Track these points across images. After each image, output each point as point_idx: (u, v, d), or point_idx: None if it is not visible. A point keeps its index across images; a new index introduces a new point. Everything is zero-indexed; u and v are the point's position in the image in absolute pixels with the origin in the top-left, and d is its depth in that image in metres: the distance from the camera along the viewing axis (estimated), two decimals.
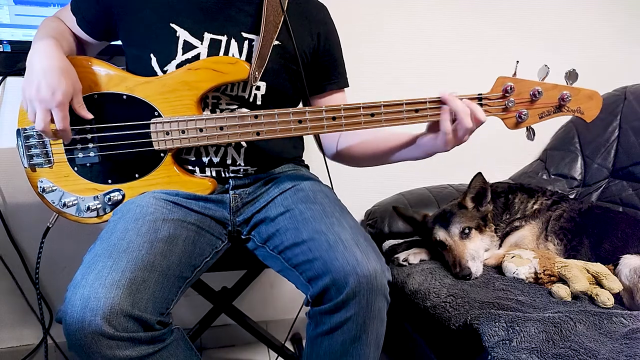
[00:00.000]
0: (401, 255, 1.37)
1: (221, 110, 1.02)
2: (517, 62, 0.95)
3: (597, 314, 1.00)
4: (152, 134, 0.98)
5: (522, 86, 0.96)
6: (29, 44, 0.97)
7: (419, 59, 1.70)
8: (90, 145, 1.00)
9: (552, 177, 1.75)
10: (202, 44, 1.00)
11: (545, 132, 1.85)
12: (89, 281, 0.78)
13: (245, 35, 1.02)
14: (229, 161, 1.05)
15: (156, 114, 0.99)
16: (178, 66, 0.99)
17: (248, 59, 1.00)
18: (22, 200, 1.43)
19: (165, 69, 1.00)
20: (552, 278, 1.16)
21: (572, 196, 1.69)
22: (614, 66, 1.85)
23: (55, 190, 1.03)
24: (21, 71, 1.35)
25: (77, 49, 1.10)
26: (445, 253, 1.31)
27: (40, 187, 1.03)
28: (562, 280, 1.14)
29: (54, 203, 1.04)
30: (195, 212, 1.01)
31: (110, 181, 1.02)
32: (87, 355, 0.76)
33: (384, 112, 0.96)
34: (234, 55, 1.01)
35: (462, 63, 1.73)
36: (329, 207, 0.98)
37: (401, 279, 1.31)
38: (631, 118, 1.65)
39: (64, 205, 1.03)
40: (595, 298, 1.08)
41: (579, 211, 1.33)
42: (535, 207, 1.38)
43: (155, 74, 1.00)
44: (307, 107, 0.97)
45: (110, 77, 1.00)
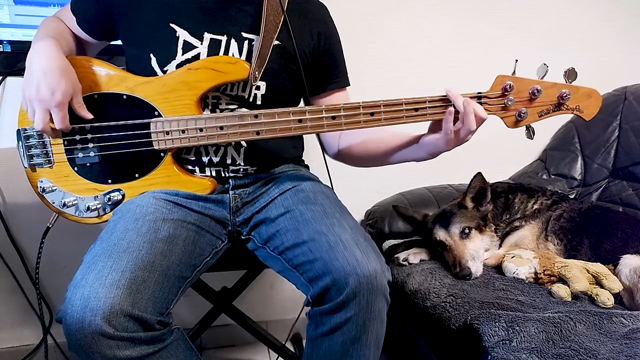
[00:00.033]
0: (401, 255, 1.37)
1: (221, 110, 1.02)
2: (516, 60, 0.95)
3: (597, 314, 1.00)
4: (152, 133, 0.98)
5: (521, 85, 0.96)
6: (29, 44, 0.97)
7: (419, 58, 1.70)
8: (90, 145, 1.01)
9: (552, 177, 1.75)
10: (202, 44, 1.00)
11: (545, 132, 1.85)
12: (89, 281, 0.78)
13: (245, 35, 1.02)
14: (229, 161, 1.05)
15: (156, 113, 0.99)
16: (178, 66, 0.99)
17: (248, 59, 1.00)
18: (22, 200, 1.43)
19: (165, 69, 1.00)
20: (552, 278, 1.16)
21: (572, 196, 1.69)
22: (614, 66, 1.84)
23: (55, 190, 1.03)
24: (21, 71, 1.35)
25: (77, 48, 1.10)
26: (445, 253, 1.31)
27: (40, 187, 1.03)
28: (562, 280, 1.14)
29: (54, 203, 1.04)
30: (195, 212, 1.01)
31: (110, 181, 1.02)
32: (87, 355, 0.76)
33: (384, 111, 0.96)
34: (234, 55, 1.01)
35: (462, 63, 1.73)
36: (330, 208, 0.98)
37: (401, 278, 1.31)
38: (631, 118, 1.65)
39: (64, 205, 1.03)
40: (595, 298, 1.08)
41: (579, 211, 1.33)
42: (535, 207, 1.38)
43: (155, 74, 1.00)
44: (306, 107, 0.97)
45: (110, 77, 1.00)
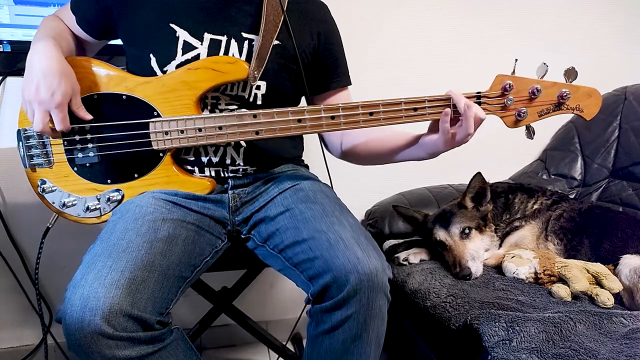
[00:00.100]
0: (401, 255, 1.37)
1: (220, 111, 1.02)
2: (516, 60, 0.95)
3: (597, 314, 1.00)
4: (151, 134, 0.98)
5: (520, 84, 0.96)
6: (29, 44, 0.97)
7: (419, 58, 1.70)
8: (90, 145, 1.01)
9: (552, 177, 1.75)
10: (202, 44, 1.00)
11: (545, 132, 1.84)
12: (89, 281, 0.78)
13: (245, 35, 1.02)
14: (228, 161, 1.05)
15: (155, 114, 0.99)
16: (178, 67, 0.99)
17: (248, 59, 1.00)
18: (22, 200, 1.43)
19: (164, 69, 0.99)
20: (552, 278, 1.16)
21: (572, 196, 1.69)
22: (614, 66, 1.84)
23: (55, 190, 1.03)
24: (21, 71, 1.35)
25: (77, 48, 1.10)
26: (445, 253, 1.31)
27: (40, 187, 1.03)
28: (562, 280, 1.14)
29: (54, 203, 1.04)
30: (194, 211, 1.01)
31: (109, 181, 1.02)
32: (87, 355, 0.76)
33: (383, 111, 0.96)
34: (234, 56, 1.01)
35: (462, 63, 1.73)
36: (329, 207, 0.98)
37: (401, 278, 1.31)
38: (631, 118, 1.65)
39: (64, 205, 1.03)
40: (595, 298, 1.07)
41: (579, 211, 1.33)
42: (535, 207, 1.37)
43: (154, 74, 1.00)
44: (305, 107, 0.97)
45: (109, 77, 1.00)
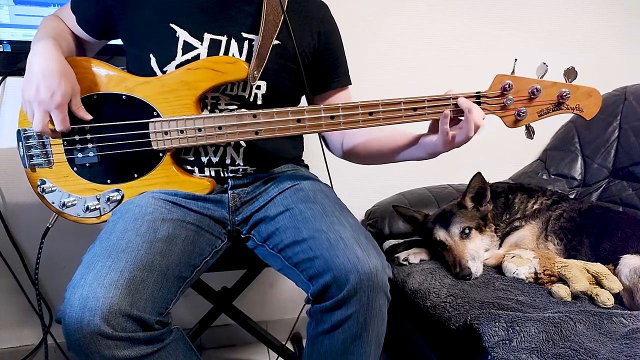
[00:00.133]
0: (401, 255, 1.37)
1: (220, 111, 1.02)
2: (515, 59, 0.94)
3: (597, 314, 0.99)
4: (150, 134, 0.98)
5: (520, 84, 0.95)
6: (29, 44, 0.97)
7: (419, 58, 1.70)
8: (90, 145, 1.01)
9: (552, 177, 1.75)
10: (202, 44, 1.00)
11: (545, 132, 1.84)
12: (88, 281, 0.78)
13: (245, 35, 1.02)
14: (228, 161, 1.05)
15: (155, 114, 0.99)
16: (178, 67, 0.99)
17: (248, 59, 1.00)
18: (22, 200, 1.43)
19: (164, 70, 0.99)
20: (552, 278, 1.16)
21: (572, 196, 1.69)
22: (614, 66, 1.84)
23: (55, 190, 1.03)
24: (21, 71, 1.35)
25: (77, 48, 1.10)
26: (445, 253, 1.31)
27: (40, 187, 1.03)
28: (562, 280, 1.14)
29: (54, 203, 1.04)
30: (194, 211, 1.01)
31: (109, 181, 1.02)
32: (86, 355, 0.76)
33: (382, 111, 0.96)
34: (234, 56, 1.01)
35: (463, 63, 1.73)
36: (329, 207, 0.98)
37: (401, 278, 1.31)
38: (631, 118, 1.65)
39: (64, 205, 1.03)
40: (595, 298, 1.07)
41: (579, 211, 1.33)
42: (535, 207, 1.37)
43: (154, 74, 1.00)
44: (305, 106, 0.97)
45: (109, 77, 1.00)
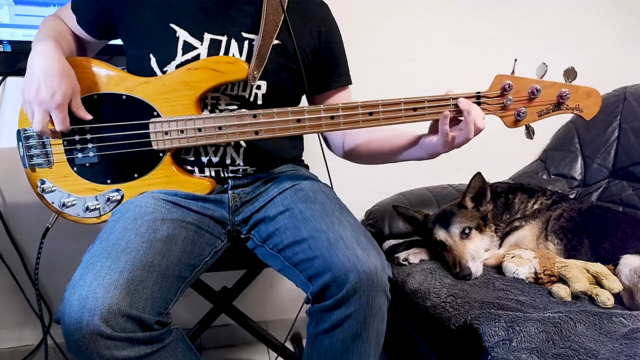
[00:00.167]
0: (401, 255, 1.37)
1: (220, 111, 1.02)
2: (515, 60, 0.95)
3: (597, 314, 0.99)
4: (151, 134, 0.98)
5: (520, 84, 0.95)
6: (29, 44, 0.97)
7: (419, 58, 1.70)
8: (90, 145, 1.01)
9: (552, 177, 1.75)
10: (202, 44, 1.00)
11: (545, 133, 1.84)
12: (87, 281, 0.78)
13: (245, 35, 1.02)
14: (228, 161, 1.05)
15: (155, 114, 0.99)
16: (178, 67, 0.99)
17: (248, 59, 1.00)
18: (22, 200, 1.43)
19: (164, 70, 0.99)
20: (552, 278, 1.16)
21: (572, 196, 1.69)
22: (614, 66, 1.84)
23: (55, 190, 1.03)
24: (21, 71, 1.36)
25: (77, 48, 1.10)
26: (445, 253, 1.31)
27: (40, 187, 1.03)
28: (562, 280, 1.14)
29: (54, 203, 1.04)
30: (194, 212, 1.01)
31: (109, 181, 1.02)
32: (85, 355, 0.76)
33: (382, 111, 0.96)
34: (234, 56, 1.01)
35: (462, 63, 1.73)
36: (329, 207, 0.98)
37: (401, 278, 1.31)
38: (631, 118, 1.65)
39: (64, 205, 1.03)
40: (595, 298, 1.07)
41: (579, 211, 1.33)
42: (535, 207, 1.37)
43: (154, 74, 1.00)
44: (305, 106, 0.97)
45: (109, 77, 1.00)
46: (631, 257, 1.14)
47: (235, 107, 1.03)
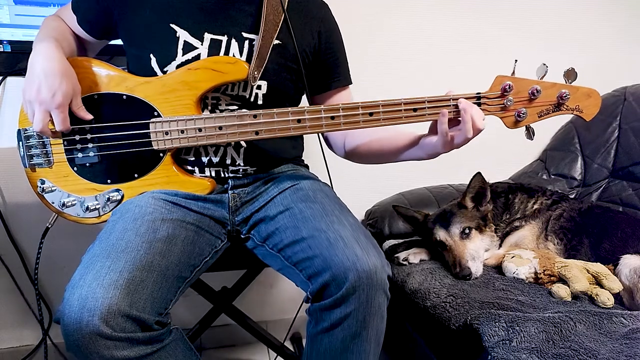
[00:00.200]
0: (401, 255, 1.37)
1: (221, 111, 1.02)
2: (516, 61, 0.95)
3: (597, 314, 1.00)
4: (151, 133, 0.98)
5: (520, 85, 0.96)
6: (29, 44, 0.97)
7: (420, 58, 1.70)
8: (90, 145, 1.01)
9: (552, 177, 1.75)
10: (202, 44, 1.00)
11: (545, 133, 1.85)
12: (87, 281, 0.78)
13: (245, 35, 1.02)
14: (229, 161, 1.05)
15: (156, 114, 0.99)
16: (178, 67, 0.99)
17: (249, 59, 1.00)
18: (22, 200, 1.43)
19: (165, 70, 0.99)
20: (552, 278, 1.16)
21: (572, 196, 1.69)
22: (614, 66, 1.84)
23: (55, 190, 1.03)
24: (21, 71, 1.36)
25: (78, 48, 1.10)
26: (445, 253, 1.31)
27: (40, 187, 1.03)
28: (562, 280, 1.14)
29: (54, 203, 1.04)
30: (194, 212, 1.01)
31: (109, 181, 1.02)
32: (85, 355, 0.76)
33: (383, 112, 0.96)
34: (234, 56, 1.01)
35: (463, 63, 1.73)
36: (329, 206, 0.98)
37: (401, 278, 1.31)
38: (631, 119, 1.65)
39: (64, 205, 1.03)
40: (595, 298, 1.07)
41: (579, 211, 1.33)
42: (535, 207, 1.37)
43: (155, 74, 1.00)
44: (305, 107, 0.97)
45: (110, 77, 1.00)
46: (631, 257, 1.14)
47: (236, 107, 1.03)
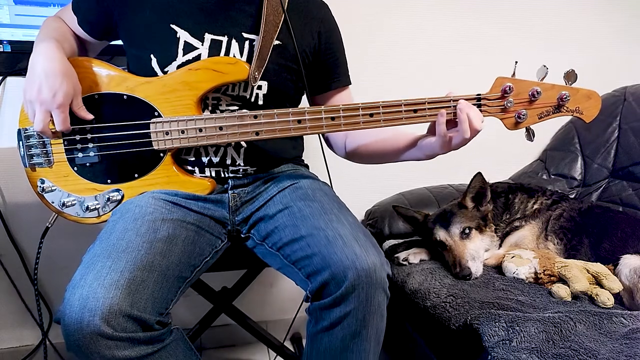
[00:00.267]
0: (401, 255, 1.37)
1: (221, 111, 1.02)
2: (516, 62, 0.95)
3: (597, 314, 1.00)
4: (151, 133, 0.98)
5: (520, 86, 0.96)
6: (29, 44, 0.97)
7: (420, 59, 1.70)
8: (90, 145, 1.01)
9: (552, 177, 1.75)
10: (202, 44, 1.00)
11: (545, 133, 1.85)
12: (88, 281, 0.78)
13: (245, 35, 1.02)
14: (229, 161, 1.05)
15: (156, 114, 0.99)
16: (179, 67, 0.99)
17: (249, 60, 1.00)
18: (22, 200, 1.43)
19: (165, 70, 0.99)
20: (552, 278, 1.16)
21: (572, 196, 1.69)
22: (614, 66, 1.85)
23: (55, 190, 1.03)
24: (21, 71, 1.36)
25: (79, 49, 1.10)
26: (445, 253, 1.31)
27: (40, 186, 1.03)
28: (562, 280, 1.14)
29: (54, 203, 1.04)
30: (194, 212, 1.01)
31: (109, 181, 1.02)
32: (86, 355, 0.76)
33: (383, 113, 0.96)
34: (234, 56, 1.01)
35: (463, 63, 1.73)
36: (328, 204, 0.98)
37: (401, 278, 1.31)
38: (631, 119, 1.65)
39: (64, 205, 1.03)
40: (595, 298, 1.08)
41: (579, 211, 1.33)
42: (535, 206, 1.38)
43: (155, 74, 1.00)
44: (306, 107, 0.97)
45: (110, 77, 1.00)
46: (631, 257, 1.14)
47: (236, 107, 1.03)
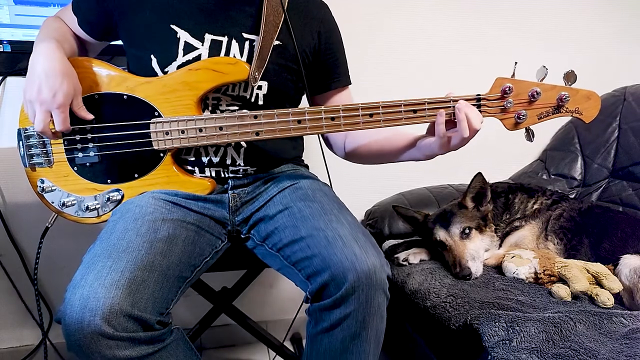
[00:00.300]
0: (401, 255, 1.37)
1: (221, 112, 1.02)
2: (516, 63, 0.95)
3: (597, 314, 1.00)
4: (151, 133, 0.98)
5: (520, 87, 0.96)
6: (29, 44, 0.97)
7: (420, 59, 1.70)
8: (90, 145, 1.01)
9: (552, 177, 1.75)
10: (202, 45, 1.00)
11: (545, 133, 1.85)
12: (89, 281, 0.78)
13: (246, 35, 1.02)
14: (229, 161, 1.05)
15: (156, 114, 0.99)
16: (179, 67, 0.99)
17: (249, 60, 1.00)
18: (22, 200, 1.43)
19: (166, 70, 0.99)
20: (552, 278, 1.16)
21: (572, 196, 1.69)
22: (614, 67, 1.85)
23: (55, 190, 1.03)
24: (21, 71, 1.36)
25: (79, 49, 1.10)
26: (445, 253, 1.31)
27: (40, 186, 1.03)
28: (562, 280, 1.14)
29: (54, 203, 1.04)
30: (194, 212, 1.01)
31: (109, 181, 1.02)
32: (87, 355, 0.76)
33: (383, 113, 0.96)
34: (235, 56, 1.01)
35: (463, 63, 1.73)
36: (328, 205, 0.98)
37: (401, 278, 1.31)
38: (630, 119, 1.65)
39: (63, 205, 1.03)
40: (595, 298, 1.08)
41: (579, 211, 1.33)
42: (535, 206, 1.38)
43: (155, 74, 1.00)
44: (306, 108, 0.97)
45: (111, 77, 1.00)
46: (631, 257, 1.14)
47: (236, 107, 1.03)
